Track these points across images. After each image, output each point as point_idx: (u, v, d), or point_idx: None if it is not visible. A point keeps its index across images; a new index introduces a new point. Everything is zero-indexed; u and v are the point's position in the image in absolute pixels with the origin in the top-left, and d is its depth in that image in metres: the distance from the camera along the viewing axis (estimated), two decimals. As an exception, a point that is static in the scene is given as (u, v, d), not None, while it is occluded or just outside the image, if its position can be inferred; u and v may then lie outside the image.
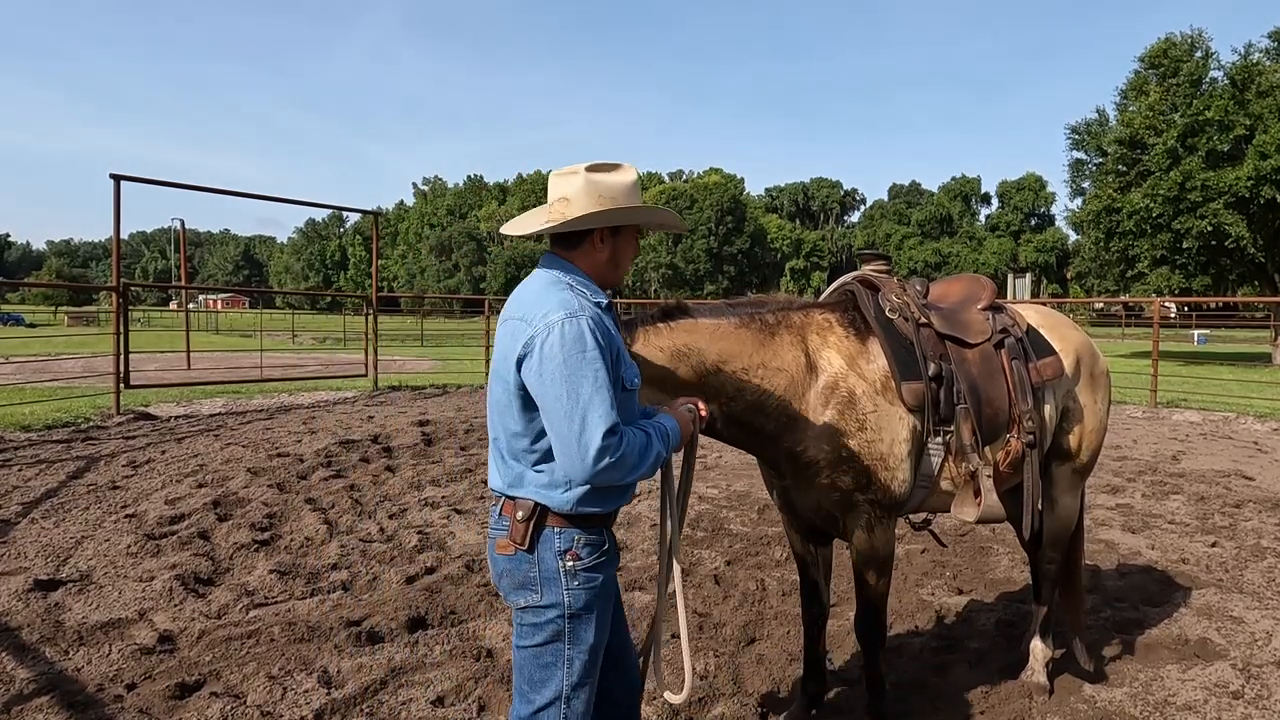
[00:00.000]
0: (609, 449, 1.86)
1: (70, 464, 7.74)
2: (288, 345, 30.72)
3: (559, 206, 2.07)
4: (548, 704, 2.05)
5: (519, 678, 2.09)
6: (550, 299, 1.96)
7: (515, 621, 2.09)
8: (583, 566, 2.03)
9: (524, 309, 1.99)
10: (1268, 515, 6.51)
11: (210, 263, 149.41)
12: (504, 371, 1.99)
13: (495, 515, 2.10)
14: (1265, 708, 3.38)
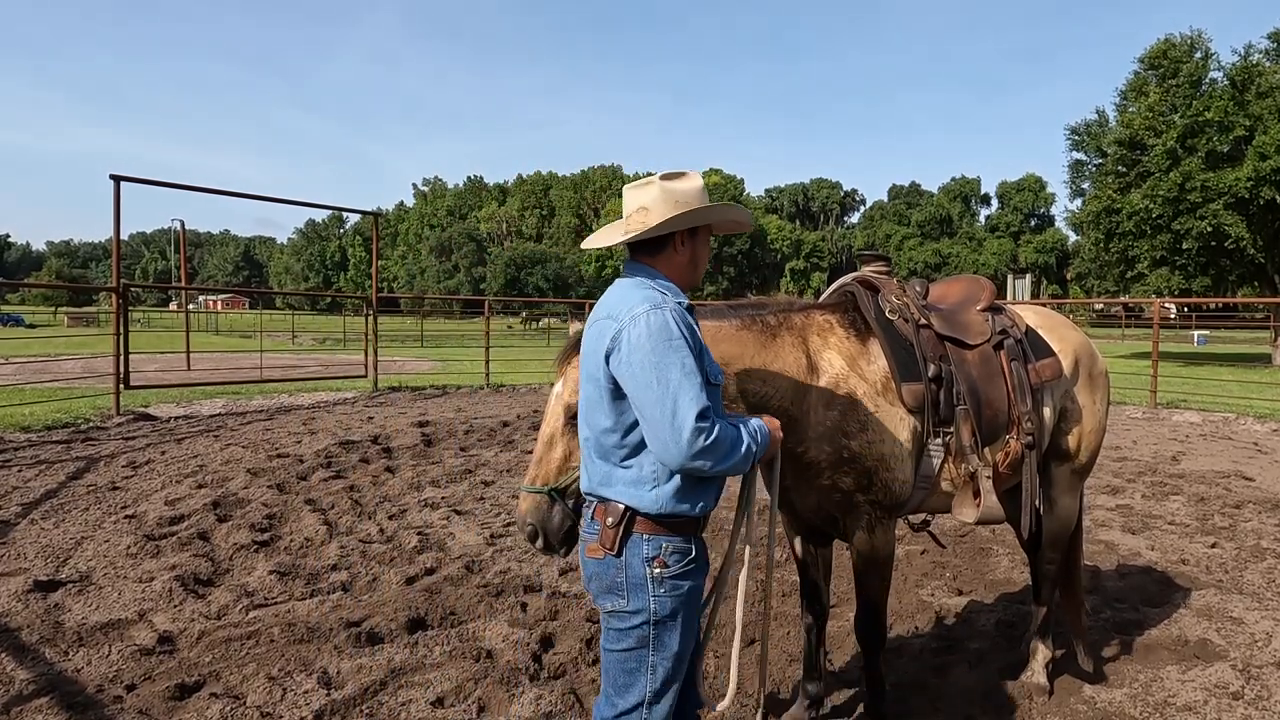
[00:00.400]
0: (703, 431, 1.90)
1: (70, 465, 7.74)
2: (288, 346, 30.71)
3: (638, 216, 2.17)
4: (630, 709, 2.08)
5: (605, 679, 2.14)
6: (635, 296, 2.07)
7: (604, 624, 2.13)
8: (669, 574, 2.05)
9: (610, 309, 2.08)
10: (1267, 516, 6.51)
11: (210, 263, 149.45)
12: (594, 370, 2.06)
13: (587, 518, 2.15)
14: (1265, 708, 3.38)
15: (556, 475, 2.47)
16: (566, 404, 2.49)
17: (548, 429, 2.51)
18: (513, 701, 3.35)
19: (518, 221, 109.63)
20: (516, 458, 8.61)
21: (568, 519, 2.49)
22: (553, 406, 2.53)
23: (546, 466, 2.47)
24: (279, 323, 53.36)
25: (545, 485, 2.45)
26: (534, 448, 2.52)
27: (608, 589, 2.07)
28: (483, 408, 12.63)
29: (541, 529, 2.44)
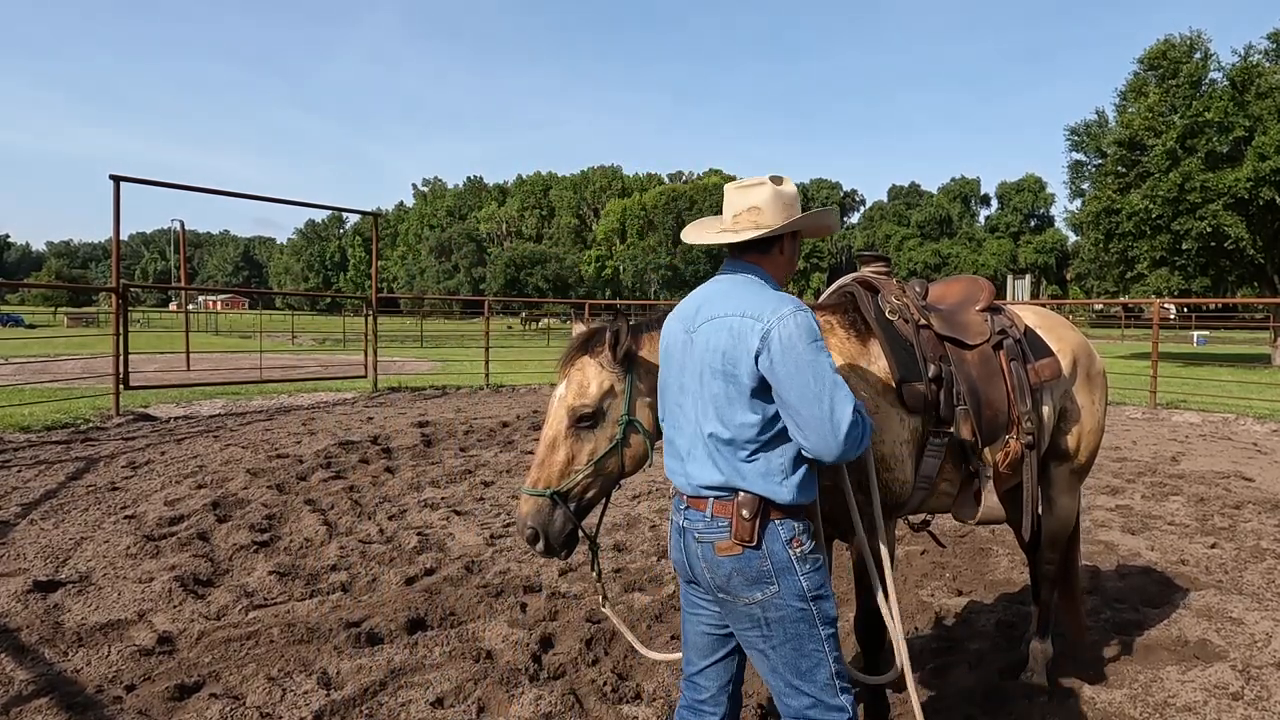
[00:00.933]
0: (855, 423, 2.00)
1: (69, 465, 7.74)
2: (287, 346, 30.70)
3: (750, 215, 2.20)
4: (825, 685, 2.10)
5: (780, 677, 2.11)
6: (768, 296, 2.11)
7: (755, 622, 2.10)
8: (808, 551, 2.11)
9: (744, 307, 2.08)
10: (1267, 516, 6.51)
11: (210, 264, 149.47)
12: (727, 367, 2.05)
13: (704, 518, 2.11)
14: (1265, 709, 3.38)
15: (559, 478, 2.46)
16: (570, 406, 2.48)
17: (550, 431, 2.51)
18: (512, 702, 3.35)
19: (517, 222, 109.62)
20: (516, 458, 8.61)
21: (569, 522, 2.49)
22: (555, 409, 2.52)
23: (549, 469, 2.46)
24: (279, 323, 53.38)
25: (548, 488, 2.45)
26: (534, 449, 2.52)
27: (754, 580, 2.07)
28: (482, 408, 12.63)
29: (543, 532, 2.44)
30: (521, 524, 2.47)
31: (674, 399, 2.23)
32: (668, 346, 2.27)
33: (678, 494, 2.24)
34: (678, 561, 2.23)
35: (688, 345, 2.18)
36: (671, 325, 2.28)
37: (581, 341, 2.60)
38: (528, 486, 2.48)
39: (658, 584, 4.87)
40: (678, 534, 2.21)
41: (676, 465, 2.22)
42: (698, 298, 2.24)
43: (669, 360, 2.26)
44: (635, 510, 6.57)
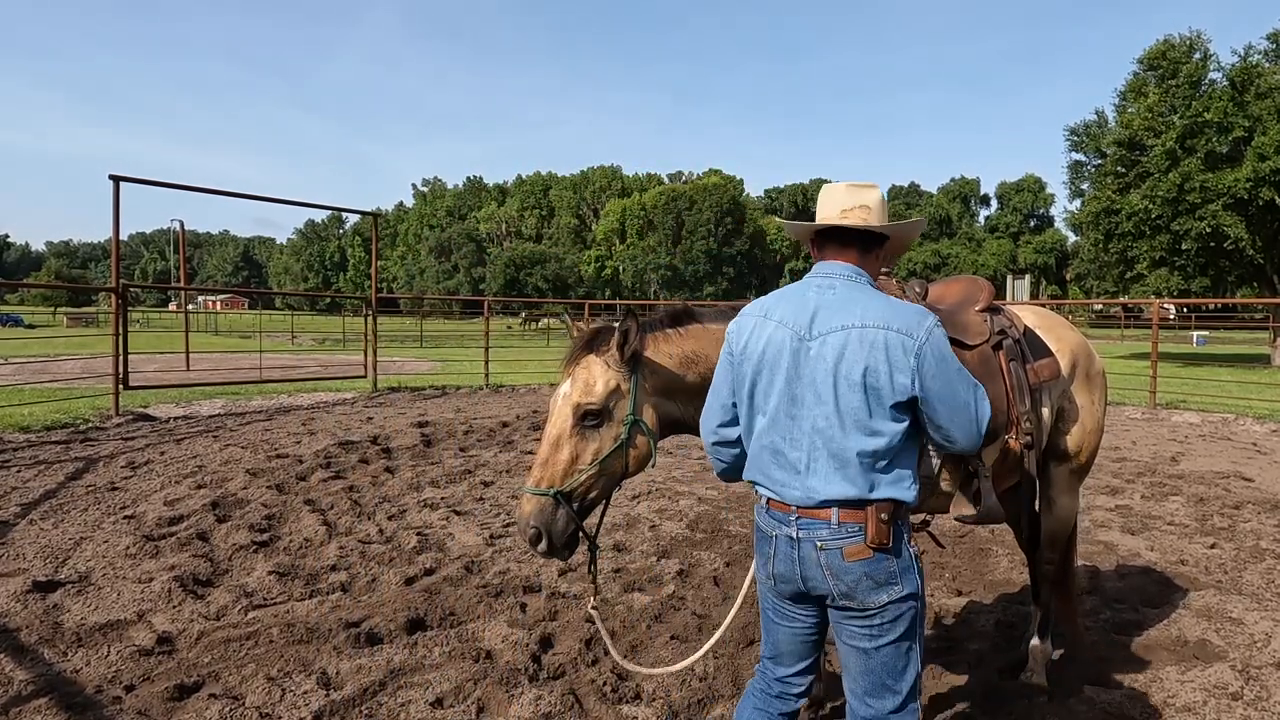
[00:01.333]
0: (989, 413, 2.16)
1: (69, 465, 7.74)
2: (287, 346, 30.69)
3: (860, 213, 2.20)
4: (911, 687, 2.13)
5: (874, 678, 2.12)
6: (898, 305, 2.11)
7: (869, 622, 2.09)
8: (918, 551, 2.16)
9: (882, 317, 2.05)
10: (1267, 516, 6.51)
11: (209, 264, 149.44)
12: (870, 381, 2.02)
13: (829, 526, 2.06)
14: (1265, 709, 3.38)
15: (563, 478, 2.45)
16: (575, 404, 2.47)
17: (554, 430, 2.49)
18: (512, 702, 3.34)
19: (517, 222, 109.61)
20: (516, 458, 8.61)
21: (571, 523, 2.47)
22: (560, 407, 2.51)
23: (552, 469, 2.45)
24: (278, 323, 53.39)
25: (551, 488, 2.44)
26: (536, 448, 2.52)
27: (884, 583, 2.06)
28: (482, 408, 12.63)
29: (546, 532, 2.43)
30: (524, 524, 2.45)
31: (782, 409, 2.10)
32: (764, 352, 2.14)
33: (775, 504, 2.14)
34: (784, 573, 2.13)
35: (803, 353, 2.08)
36: (768, 331, 2.15)
37: (587, 340, 2.59)
38: (530, 485, 2.46)
39: (657, 584, 4.87)
40: (788, 545, 2.10)
41: (787, 477, 2.10)
42: (805, 302, 2.14)
43: (771, 368, 2.12)
44: (635, 510, 6.57)
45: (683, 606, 4.49)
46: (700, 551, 5.50)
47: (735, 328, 2.26)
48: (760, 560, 2.21)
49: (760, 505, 2.20)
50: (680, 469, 8.23)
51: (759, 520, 2.20)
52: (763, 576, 2.23)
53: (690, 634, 4.11)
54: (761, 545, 2.19)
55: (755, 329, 2.19)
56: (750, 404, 2.18)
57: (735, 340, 2.24)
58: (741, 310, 2.31)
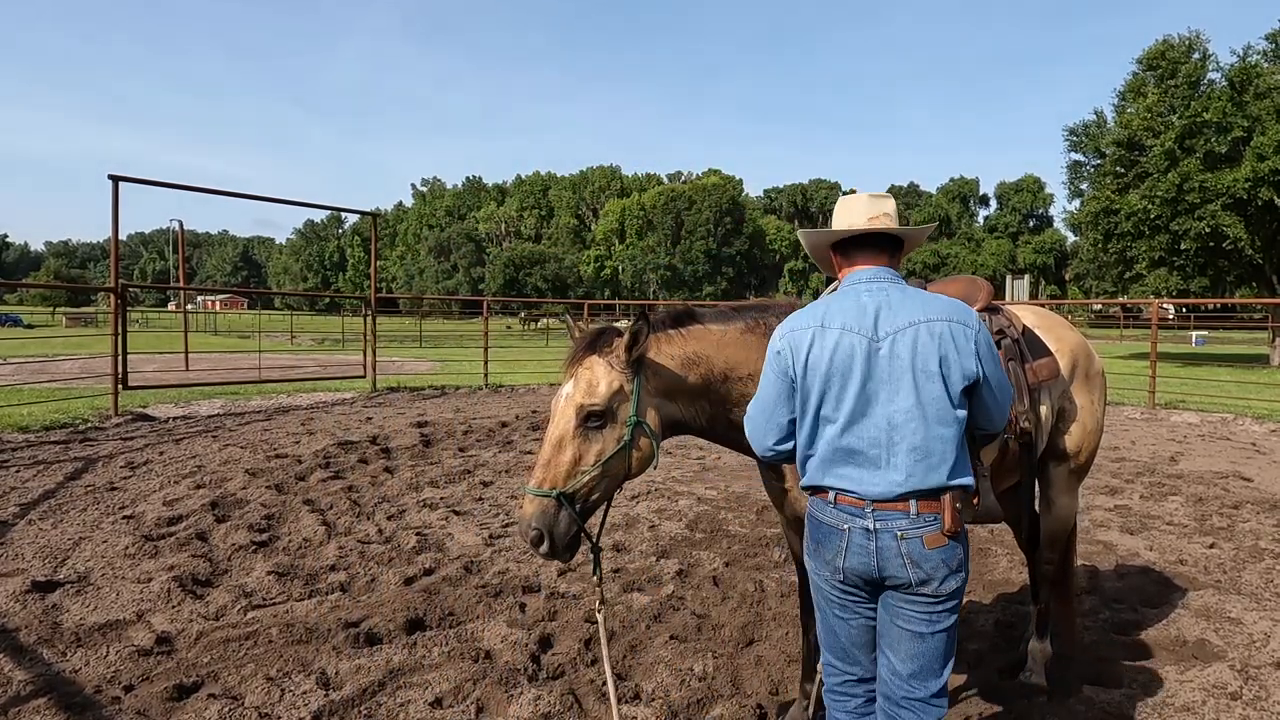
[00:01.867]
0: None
1: (68, 465, 7.73)
2: (286, 346, 30.68)
3: (885, 220, 2.32)
4: (949, 671, 2.22)
5: (925, 660, 2.17)
6: (945, 299, 2.24)
7: (934, 607, 2.14)
8: None
9: (943, 310, 2.18)
10: (1265, 516, 6.51)
11: (209, 264, 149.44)
12: (944, 371, 2.12)
13: (908, 516, 2.10)
14: (1263, 709, 3.38)
15: (565, 479, 2.44)
16: (579, 405, 2.47)
17: (557, 431, 2.48)
18: (511, 702, 3.35)
19: (516, 222, 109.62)
20: (515, 458, 8.61)
21: (574, 524, 2.46)
22: (562, 408, 2.50)
23: (555, 470, 2.44)
24: (277, 323, 53.37)
25: (553, 489, 2.43)
26: (536, 448, 2.52)
27: (956, 569, 2.14)
28: (481, 408, 12.63)
29: (548, 533, 2.42)
30: (525, 525, 2.44)
31: (858, 411, 2.13)
32: (833, 360, 2.16)
33: (846, 499, 2.16)
34: (859, 565, 2.14)
35: (875, 353, 2.13)
36: (833, 339, 2.17)
37: (590, 340, 2.58)
38: (532, 486, 2.45)
39: (657, 584, 4.87)
40: (863, 537, 2.12)
41: (864, 474, 2.14)
42: (862, 306, 2.19)
43: (843, 374, 2.15)
44: (634, 511, 6.57)
45: (682, 606, 4.49)
46: (699, 551, 5.50)
47: (790, 343, 2.23)
48: (826, 555, 2.21)
49: (823, 502, 2.21)
50: (680, 469, 8.23)
51: (822, 517, 2.21)
52: (826, 574, 2.23)
53: (689, 634, 4.11)
54: (829, 540, 2.19)
55: (816, 340, 2.19)
56: (816, 415, 2.20)
57: (793, 355, 2.22)
58: (786, 325, 2.29)
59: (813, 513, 2.26)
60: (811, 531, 2.26)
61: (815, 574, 2.28)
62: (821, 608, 2.31)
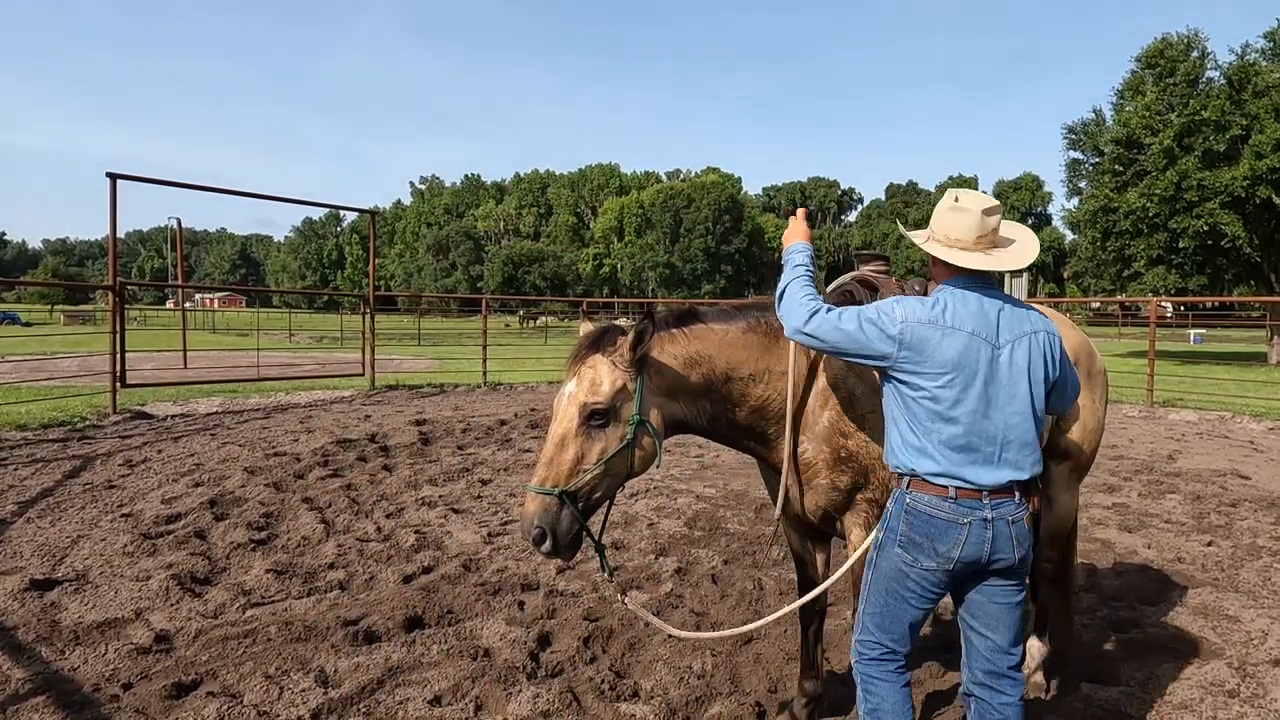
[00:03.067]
0: None
1: (66, 463, 7.73)
2: (285, 344, 30.67)
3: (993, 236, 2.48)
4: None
5: (1015, 627, 2.41)
6: (1042, 313, 2.51)
7: (1019, 580, 2.39)
8: None
9: (1041, 322, 2.41)
10: (1263, 514, 6.53)
11: (207, 261, 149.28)
12: (1048, 373, 2.38)
13: (1014, 503, 2.32)
14: (1261, 706, 3.39)
15: (568, 477, 2.44)
16: (582, 403, 2.46)
17: (559, 429, 2.48)
18: (510, 700, 3.35)
19: (515, 220, 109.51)
20: (514, 456, 8.60)
21: (576, 522, 2.46)
22: (565, 406, 2.50)
23: (557, 468, 2.44)
24: (276, 321, 53.32)
25: (556, 487, 2.43)
26: (536, 446, 2.52)
27: (1033, 543, 2.41)
28: (480, 406, 12.62)
29: (550, 532, 2.41)
30: (527, 524, 2.44)
31: (977, 409, 2.28)
32: (959, 359, 2.27)
33: (966, 493, 2.29)
34: (971, 554, 2.28)
35: (996, 359, 2.30)
36: (961, 341, 2.28)
37: (593, 339, 2.57)
38: (534, 485, 2.45)
39: (655, 581, 4.87)
40: (981, 527, 2.27)
41: (981, 470, 2.28)
42: (984, 312, 2.33)
43: (969, 373, 2.28)
44: (633, 509, 6.58)
45: (681, 604, 4.50)
46: (698, 549, 5.50)
47: (914, 334, 2.30)
48: (940, 547, 2.30)
49: (939, 499, 2.30)
50: (678, 467, 8.23)
51: (937, 513, 2.30)
52: (930, 565, 2.32)
53: (689, 629, 4.11)
54: (946, 534, 2.29)
55: (943, 339, 2.29)
56: (930, 410, 2.32)
57: (910, 345, 2.31)
58: (903, 310, 2.34)
59: (920, 508, 2.33)
60: (917, 525, 2.33)
61: (909, 566, 2.36)
62: (898, 595, 2.40)
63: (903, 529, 2.35)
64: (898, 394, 2.37)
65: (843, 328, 2.36)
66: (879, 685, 2.46)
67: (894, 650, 2.45)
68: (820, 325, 2.39)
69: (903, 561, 2.35)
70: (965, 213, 2.42)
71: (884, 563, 2.42)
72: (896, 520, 2.38)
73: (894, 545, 2.38)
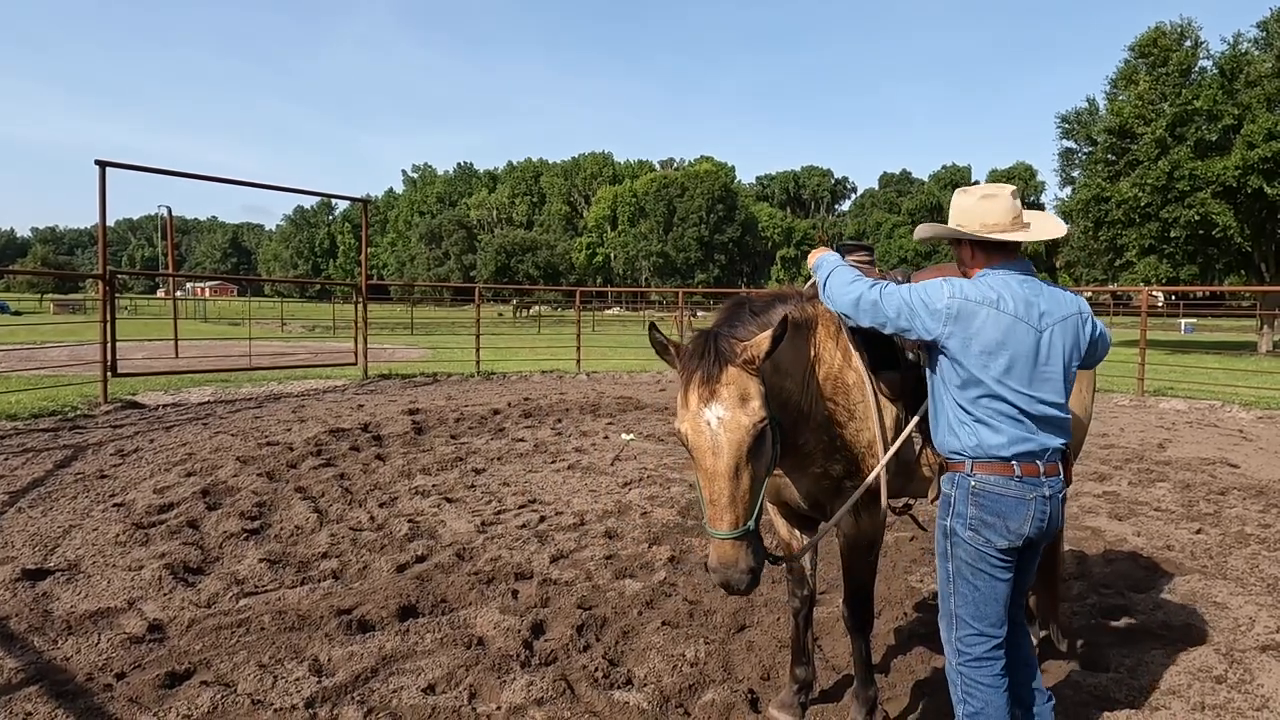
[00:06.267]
0: None
1: (57, 453, 7.69)
2: (277, 334, 30.55)
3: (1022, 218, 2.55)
4: None
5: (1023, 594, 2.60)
6: (1074, 295, 2.56)
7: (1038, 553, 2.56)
8: None
9: (1075, 304, 2.52)
10: (1252, 502, 6.58)
11: (198, 250, 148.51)
12: (1075, 357, 2.49)
13: (1060, 478, 2.45)
14: (1248, 692, 3.42)
15: (751, 509, 2.26)
16: (750, 425, 2.25)
17: (729, 461, 2.22)
18: (504, 688, 3.36)
19: (508, 209, 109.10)
20: (507, 445, 8.60)
21: (762, 546, 2.33)
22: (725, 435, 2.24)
23: (741, 504, 2.24)
24: (268, 310, 53.07)
25: (746, 523, 2.24)
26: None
27: None
28: (473, 395, 12.61)
29: (758, 569, 2.26)
30: (738, 573, 2.23)
31: (1027, 389, 2.39)
32: (1006, 340, 2.37)
33: (1029, 470, 2.39)
34: (1036, 530, 2.40)
35: (1039, 341, 2.40)
36: (1006, 323, 2.37)
37: (713, 351, 2.33)
38: (726, 531, 2.22)
39: (649, 570, 4.88)
40: (1043, 503, 2.39)
41: (1032, 448, 2.40)
42: (1026, 296, 2.42)
43: (1020, 356, 2.38)
44: (626, 498, 6.59)
45: (674, 593, 4.51)
46: (692, 538, 5.52)
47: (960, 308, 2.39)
48: (1011, 525, 2.38)
49: (1006, 478, 2.38)
50: (671, 456, 8.24)
51: (1005, 491, 2.38)
52: (1002, 544, 2.40)
53: (681, 620, 4.13)
54: (1015, 511, 2.38)
55: (991, 319, 2.38)
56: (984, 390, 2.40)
57: (956, 319, 2.39)
58: (951, 287, 2.43)
59: (988, 489, 2.40)
60: (987, 505, 2.40)
61: (983, 547, 2.41)
62: (984, 575, 2.44)
63: (972, 511, 2.41)
64: (949, 371, 2.45)
65: (895, 300, 2.46)
66: (981, 690, 2.46)
67: (996, 642, 2.47)
68: (872, 298, 2.48)
69: (979, 543, 2.41)
70: (996, 198, 2.52)
71: (959, 550, 2.46)
72: (963, 504, 2.43)
73: (965, 529, 2.42)
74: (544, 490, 6.81)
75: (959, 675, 2.51)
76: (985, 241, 2.50)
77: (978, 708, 2.46)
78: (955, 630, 2.51)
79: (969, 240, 2.53)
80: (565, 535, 5.54)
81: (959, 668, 2.51)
